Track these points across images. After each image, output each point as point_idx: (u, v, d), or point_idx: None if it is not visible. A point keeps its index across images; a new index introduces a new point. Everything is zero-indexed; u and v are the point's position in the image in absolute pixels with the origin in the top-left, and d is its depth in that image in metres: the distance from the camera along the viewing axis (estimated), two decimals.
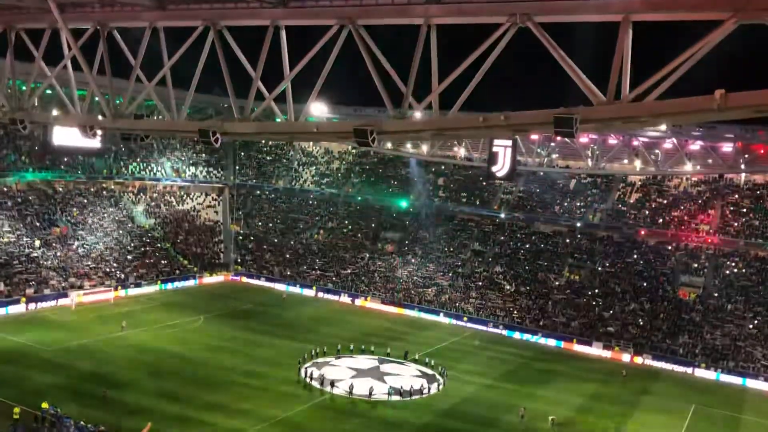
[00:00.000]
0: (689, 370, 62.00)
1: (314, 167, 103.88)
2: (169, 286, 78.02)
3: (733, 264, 73.80)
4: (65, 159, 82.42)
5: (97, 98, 26.87)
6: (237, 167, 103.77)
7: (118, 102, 27.98)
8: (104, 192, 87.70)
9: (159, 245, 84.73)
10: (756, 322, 66.20)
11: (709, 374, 61.20)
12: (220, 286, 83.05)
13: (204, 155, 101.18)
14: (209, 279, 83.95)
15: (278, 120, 26.97)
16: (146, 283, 75.98)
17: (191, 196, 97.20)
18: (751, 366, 61.32)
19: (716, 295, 70.88)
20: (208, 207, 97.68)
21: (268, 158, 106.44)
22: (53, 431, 36.07)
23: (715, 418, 49.52)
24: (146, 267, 78.60)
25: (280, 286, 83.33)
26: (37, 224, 75.37)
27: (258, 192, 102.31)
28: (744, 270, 72.73)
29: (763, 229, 74.83)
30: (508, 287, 77.70)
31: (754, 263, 72.95)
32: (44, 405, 38.23)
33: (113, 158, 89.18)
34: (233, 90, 24.63)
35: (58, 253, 72.85)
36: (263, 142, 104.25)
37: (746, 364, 61.64)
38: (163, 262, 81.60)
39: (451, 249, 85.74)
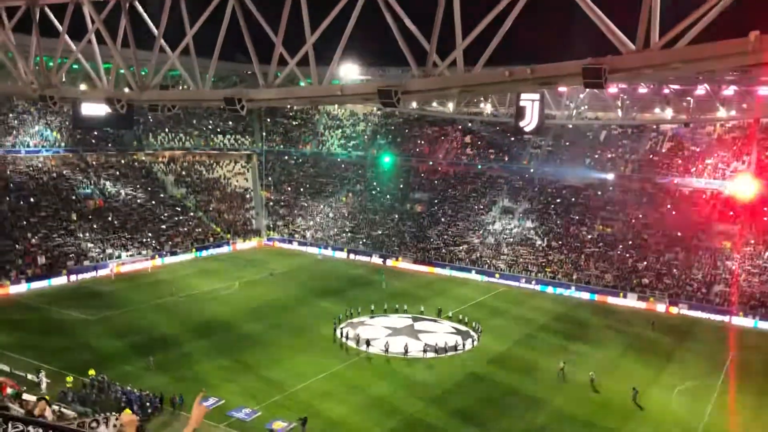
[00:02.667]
0: (726, 318, 61.44)
1: (340, 130, 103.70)
2: (204, 253, 79.37)
3: None
4: (95, 133, 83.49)
5: (122, 71, 27.08)
6: (264, 134, 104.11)
7: (143, 73, 28.17)
8: (135, 164, 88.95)
9: (192, 214, 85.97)
10: None
11: (747, 322, 60.60)
12: (253, 251, 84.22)
13: (231, 123, 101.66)
14: (242, 245, 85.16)
15: (302, 84, 26.93)
16: (181, 251, 77.41)
17: (220, 164, 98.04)
18: None
19: (752, 242, 69.70)
20: (237, 174, 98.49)
21: (293, 123, 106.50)
22: (101, 396, 37.44)
23: (754, 366, 49.17)
24: (180, 236, 79.97)
25: (312, 250, 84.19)
26: (73, 198, 76.93)
27: (286, 157, 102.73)
28: None
29: None
30: (539, 242, 77.38)
31: None
32: (91, 372, 39.67)
33: (141, 130, 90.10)
34: (256, 56, 24.58)
35: (95, 226, 74.42)
36: (288, 107, 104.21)
37: None
38: (197, 230, 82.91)
39: (481, 206, 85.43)
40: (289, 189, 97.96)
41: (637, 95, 70.88)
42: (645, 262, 70.42)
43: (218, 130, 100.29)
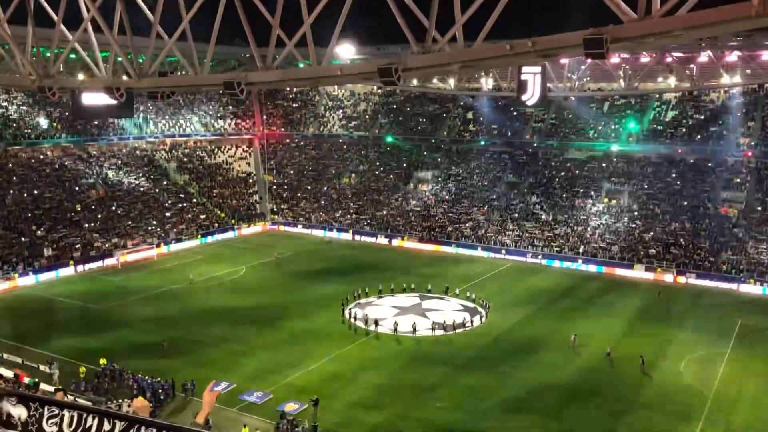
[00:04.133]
0: (734, 286, 61.37)
1: (341, 111, 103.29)
2: (210, 239, 79.54)
3: None
4: (96, 122, 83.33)
5: (120, 59, 26.90)
6: (264, 117, 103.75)
7: (140, 61, 27.97)
8: (137, 152, 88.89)
9: (195, 200, 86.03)
10: None
11: (755, 289, 60.55)
12: (258, 235, 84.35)
13: (231, 108, 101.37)
14: (247, 230, 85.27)
15: (301, 66, 26.72)
16: (187, 237, 77.56)
17: (222, 150, 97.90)
18: None
19: (759, 208, 69.46)
20: (240, 159, 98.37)
21: (294, 106, 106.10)
22: (113, 385, 37.76)
23: (762, 332, 49.20)
24: (185, 222, 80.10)
25: (317, 232, 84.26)
26: (76, 188, 77.01)
27: (287, 140, 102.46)
28: None
29: None
30: (545, 217, 77.24)
31: None
32: (102, 361, 39.95)
33: (142, 118, 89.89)
34: (254, 39, 24.37)
35: (99, 215, 74.56)
36: (288, 89, 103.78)
37: None
38: (201, 216, 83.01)
39: (485, 183, 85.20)
40: (292, 172, 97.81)
41: (639, 64, 70.24)
42: (651, 233, 70.28)
43: (219, 115, 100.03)
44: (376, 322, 48.86)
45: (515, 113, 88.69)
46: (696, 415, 35.29)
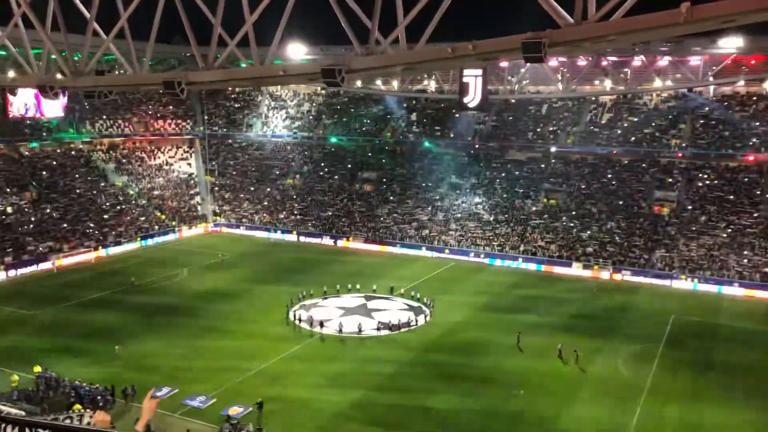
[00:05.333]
0: (667, 282, 63.79)
1: (284, 111, 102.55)
2: (150, 242, 77.75)
3: (705, 176, 75.10)
4: (28, 122, 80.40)
5: (54, 56, 26.11)
6: (206, 117, 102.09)
7: (76, 59, 27.21)
8: (72, 152, 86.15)
9: (135, 202, 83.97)
10: (729, 231, 67.95)
11: (687, 285, 63.07)
12: (200, 238, 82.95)
13: (171, 107, 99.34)
14: (189, 232, 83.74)
15: (243, 66, 26.50)
16: (126, 240, 75.60)
17: (162, 150, 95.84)
18: (726, 274, 63.22)
19: (690, 207, 72.37)
20: (180, 160, 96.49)
21: (236, 106, 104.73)
22: (49, 393, 36.49)
23: (693, 326, 51.36)
24: (124, 225, 78.07)
25: (260, 234, 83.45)
26: (7, 190, 74.10)
27: (230, 141, 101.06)
28: (716, 181, 74.09)
29: (732, 140, 75.89)
30: (486, 217, 78.54)
31: (725, 174, 74.28)
32: (37, 369, 38.57)
33: (78, 117, 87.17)
34: (195, 38, 24.04)
35: (32, 218, 71.94)
36: (230, 89, 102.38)
37: (721, 272, 63.53)
38: (141, 218, 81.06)
39: (429, 184, 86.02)
40: (235, 173, 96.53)
41: (577, 68, 72.32)
42: (588, 232, 72.34)
43: (158, 114, 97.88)
44: (321, 324, 48.73)
45: (458, 115, 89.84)
46: (632, 407, 36.52)
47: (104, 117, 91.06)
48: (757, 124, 75.86)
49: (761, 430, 34.81)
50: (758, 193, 71.21)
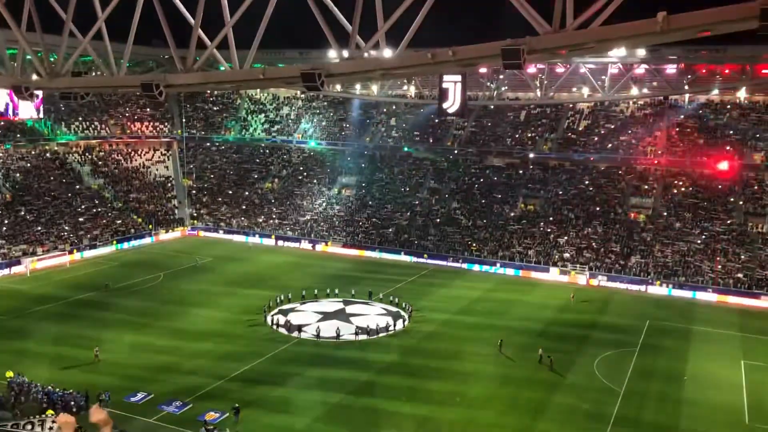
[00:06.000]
0: (643, 288, 64.51)
1: (263, 115, 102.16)
2: (126, 245, 76.87)
3: (680, 183, 76.15)
4: (1, 123, 79.17)
5: (29, 57, 25.76)
6: (184, 120, 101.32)
7: (52, 59, 26.87)
8: (47, 154, 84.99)
9: (111, 205, 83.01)
10: (703, 237, 68.94)
11: (662, 291, 63.82)
12: (177, 241, 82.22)
13: (148, 110, 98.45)
14: (166, 235, 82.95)
15: (222, 69, 26.36)
16: (101, 244, 74.65)
17: (139, 153, 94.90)
18: (700, 279, 64.11)
19: (665, 214, 73.28)
20: (157, 162, 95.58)
21: (215, 109, 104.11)
22: (20, 398, 35.84)
23: (668, 331, 51.99)
24: (100, 228, 77.11)
25: (238, 238, 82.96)
26: None
27: (208, 144, 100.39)
28: (690, 188, 75.16)
29: (707, 147, 77.07)
30: (465, 222, 78.84)
31: (700, 181, 75.36)
32: (9, 374, 37.88)
33: (53, 119, 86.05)
34: (173, 40, 23.87)
35: (6, 221, 70.76)
36: (209, 92, 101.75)
37: (695, 278, 64.41)
38: (117, 222, 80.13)
39: (408, 188, 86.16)
40: (212, 176, 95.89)
41: (555, 74, 72.98)
42: (566, 237, 72.94)
43: (135, 117, 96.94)
44: (299, 328, 48.51)
45: (437, 121, 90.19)
46: (608, 412, 36.83)
47: (80, 119, 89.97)
48: (731, 132, 77.16)
49: None
50: (731, 200, 72.37)
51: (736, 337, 51.09)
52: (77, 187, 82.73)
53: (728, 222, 70.00)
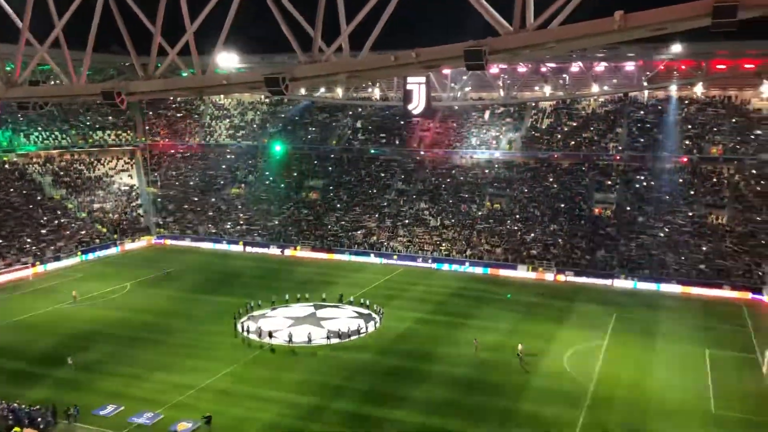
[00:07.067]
0: (609, 282, 65.58)
1: (228, 120, 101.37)
2: (91, 256, 75.51)
3: (642, 178, 77.62)
4: None
5: None
6: (147, 127, 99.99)
7: (9, 69, 26.33)
8: (6, 166, 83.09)
9: (74, 215, 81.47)
10: (666, 230, 70.39)
11: (627, 284, 64.95)
12: (144, 251, 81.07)
13: (110, 118, 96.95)
14: (132, 245, 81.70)
15: (185, 75, 26.14)
16: (65, 255, 73.21)
17: (102, 162, 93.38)
18: (664, 272, 65.43)
19: (628, 208, 74.64)
20: (121, 171, 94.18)
21: (178, 115, 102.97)
22: None
23: (635, 322, 53.00)
24: (64, 239, 75.61)
25: (206, 245, 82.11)
26: None
27: (172, 151, 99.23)
28: (652, 182, 76.67)
29: (666, 142, 78.72)
30: (433, 222, 79.23)
31: (661, 175, 76.94)
32: None
33: (12, 129, 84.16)
34: (134, 47, 23.60)
35: None
36: (172, 98, 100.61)
37: (660, 270, 65.71)
38: (81, 232, 78.65)
39: (376, 190, 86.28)
40: (178, 184, 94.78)
41: (518, 74, 73.85)
42: (532, 234, 73.78)
43: (97, 126, 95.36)
44: (270, 334, 48.24)
45: (402, 122, 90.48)
46: (580, 404, 37.36)
47: (40, 128, 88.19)
48: (690, 126, 78.92)
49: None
50: (692, 193, 74.02)
51: (699, 326, 52.30)
52: (39, 198, 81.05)
53: (690, 214, 71.59)
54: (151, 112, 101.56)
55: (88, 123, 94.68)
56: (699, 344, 47.98)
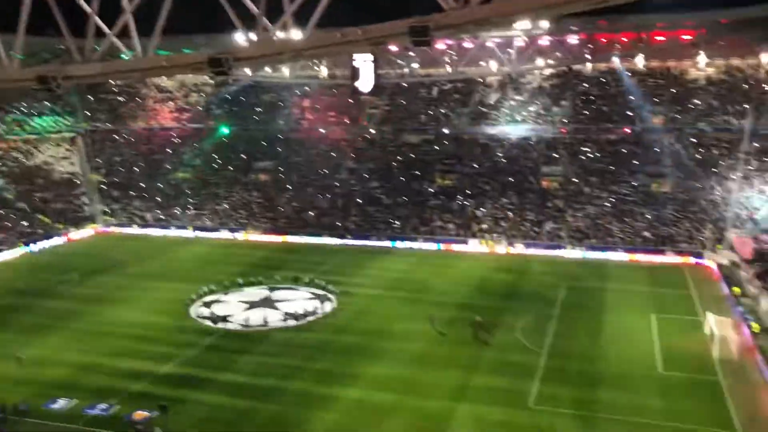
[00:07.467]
0: (558, 252, 67.07)
1: (171, 102, 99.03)
2: (34, 247, 73.15)
3: (588, 149, 79.28)
4: None
5: None
6: (87, 112, 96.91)
7: None
8: None
9: (14, 206, 78.71)
10: (612, 200, 72.24)
11: (576, 254, 66.54)
12: (90, 240, 79.02)
13: (47, 103, 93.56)
14: (77, 234, 79.46)
15: (125, 57, 25.39)
16: (7, 248, 70.73)
17: (40, 150, 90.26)
18: (610, 241, 67.28)
19: (575, 180, 76.22)
20: (62, 159, 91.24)
21: (120, 99, 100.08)
22: None
23: (585, 291, 54.44)
24: (3, 231, 73.05)
25: (154, 232, 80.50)
26: None
27: (115, 136, 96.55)
28: (598, 154, 78.41)
29: (611, 114, 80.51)
30: (386, 200, 79.38)
31: (606, 147, 78.75)
32: None
33: None
34: (69, 29, 22.76)
35: None
36: (112, 82, 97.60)
37: (606, 239, 67.52)
38: (23, 223, 76.09)
39: (327, 170, 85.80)
40: (122, 169, 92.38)
41: (464, 50, 74.13)
42: (483, 209, 74.71)
43: (33, 112, 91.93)
44: (224, 319, 47.78)
45: (351, 101, 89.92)
46: (533, 374, 38.29)
47: None
48: (632, 97, 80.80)
49: None
50: (636, 163, 76.02)
51: (645, 292, 54.08)
52: None
53: (634, 184, 73.58)
54: (91, 97, 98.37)
55: (23, 109, 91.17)
56: (645, 308, 49.63)
